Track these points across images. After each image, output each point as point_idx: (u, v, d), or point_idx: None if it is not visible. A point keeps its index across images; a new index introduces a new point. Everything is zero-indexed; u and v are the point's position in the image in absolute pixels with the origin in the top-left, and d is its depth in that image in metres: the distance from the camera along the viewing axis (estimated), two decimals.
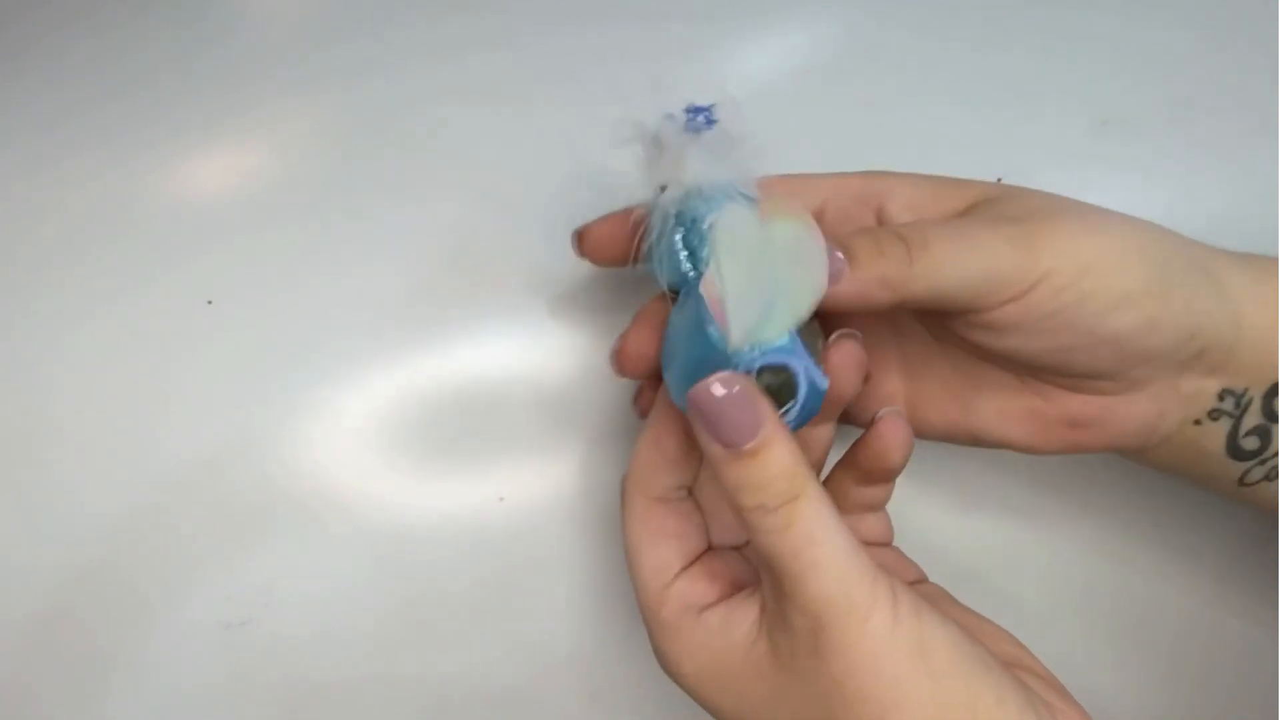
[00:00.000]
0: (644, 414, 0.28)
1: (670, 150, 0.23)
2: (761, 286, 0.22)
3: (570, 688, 0.31)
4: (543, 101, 0.33)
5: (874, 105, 0.33)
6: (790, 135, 0.32)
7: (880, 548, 0.28)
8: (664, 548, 0.25)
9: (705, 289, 0.22)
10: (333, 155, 0.33)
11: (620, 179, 0.32)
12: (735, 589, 0.25)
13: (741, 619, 0.23)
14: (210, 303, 0.31)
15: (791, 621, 0.22)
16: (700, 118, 0.24)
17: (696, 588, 0.24)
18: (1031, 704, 0.21)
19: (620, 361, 0.26)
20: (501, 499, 0.31)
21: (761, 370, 0.22)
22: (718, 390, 0.21)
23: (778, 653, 0.22)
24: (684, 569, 0.25)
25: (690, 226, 0.23)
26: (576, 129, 0.33)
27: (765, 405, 0.21)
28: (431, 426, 0.31)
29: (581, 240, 0.27)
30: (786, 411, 0.22)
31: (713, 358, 0.22)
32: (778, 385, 0.22)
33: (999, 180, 0.32)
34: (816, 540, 0.21)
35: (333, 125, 0.33)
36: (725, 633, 0.23)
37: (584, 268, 0.32)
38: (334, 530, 0.30)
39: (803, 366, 0.22)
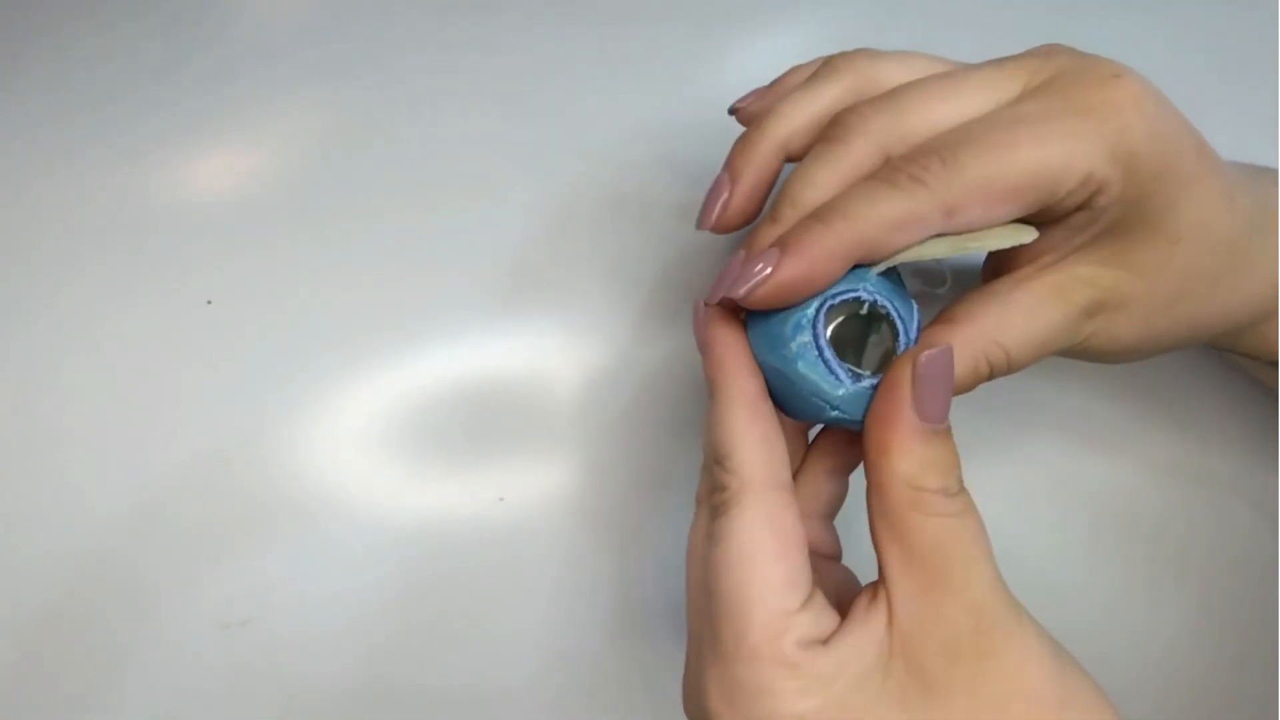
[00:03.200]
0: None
1: None
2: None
3: (570, 688, 0.31)
4: (542, 102, 0.33)
5: None
6: None
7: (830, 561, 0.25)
8: (797, 564, 0.21)
9: None
10: (333, 155, 0.33)
11: (620, 178, 0.33)
12: (841, 604, 0.21)
13: (868, 642, 0.20)
14: (210, 303, 0.31)
15: (951, 620, 0.19)
16: None
17: (823, 618, 0.21)
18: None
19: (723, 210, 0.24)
20: (501, 499, 0.31)
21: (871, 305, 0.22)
22: (940, 357, 0.20)
23: (924, 671, 0.20)
24: (813, 593, 0.21)
25: None
26: (577, 130, 0.33)
27: None
28: (431, 426, 0.31)
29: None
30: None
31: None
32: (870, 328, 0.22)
33: None
34: (985, 532, 0.20)
35: (333, 125, 0.33)
36: (857, 658, 0.20)
37: (585, 268, 0.32)
38: (334, 530, 0.30)
39: (899, 314, 0.22)
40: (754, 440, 0.21)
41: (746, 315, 0.23)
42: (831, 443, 0.25)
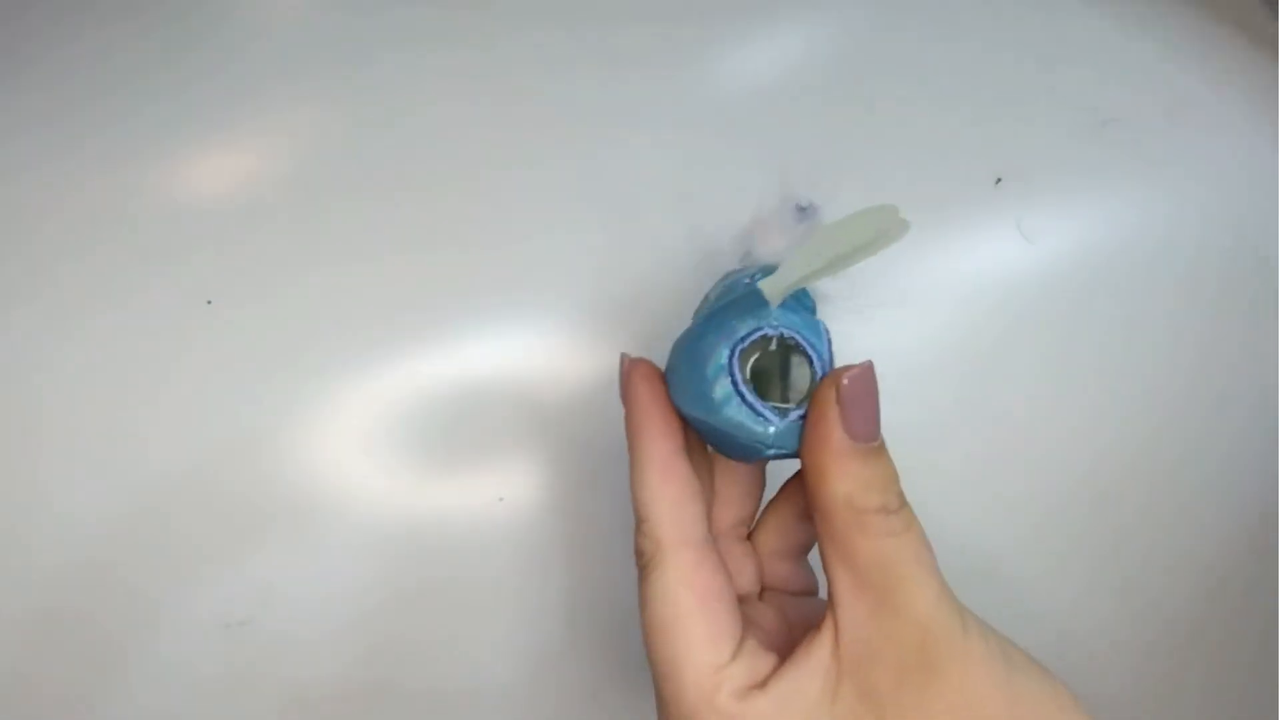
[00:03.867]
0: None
1: (770, 231, 0.25)
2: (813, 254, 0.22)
3: (570, 688, 0.31)
4: (542, 101, 0.33)
5: (872, 105, 0.33)
6: (789, 136, 0.33)
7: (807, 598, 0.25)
8: (721, 616, 0.21)
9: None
10: (332, 155, 0.33)
11: (620, 179, 0.32)
12: (785, 647, 0.21)
13: (812, 673, 0.20)
14: (210, 303, 0.31)
15: (899, 638, 0.20)
16: (805, 213, 0.25)
17: (757, 661, 0.21)
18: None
19: None
20: (501, 499, 0.31)
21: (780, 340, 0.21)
22: (860, 375, 0.20)
23: (873, 692, 0.20)
24: (743, 641, 0.21)
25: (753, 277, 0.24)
26: (575, 129, 0.33)
27: None
28: (431, 426, 0.31)
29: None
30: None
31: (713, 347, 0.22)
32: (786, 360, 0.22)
33: (998, 181, 0.32)
34: (928, 546, 0.20)
35: (332, 125, 0.33)
36: (799, 696, 0.20)
37: (584, 270, 0.32)
38: (334, 530, 0.30)
39: (813, 348, 0.22)
40: (666, 503, 0.22)
41: (667, 370, 0.23)
42: (797, 486, 0.25)
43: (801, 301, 0.23)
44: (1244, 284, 0.32)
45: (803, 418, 0.21)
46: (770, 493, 0.26)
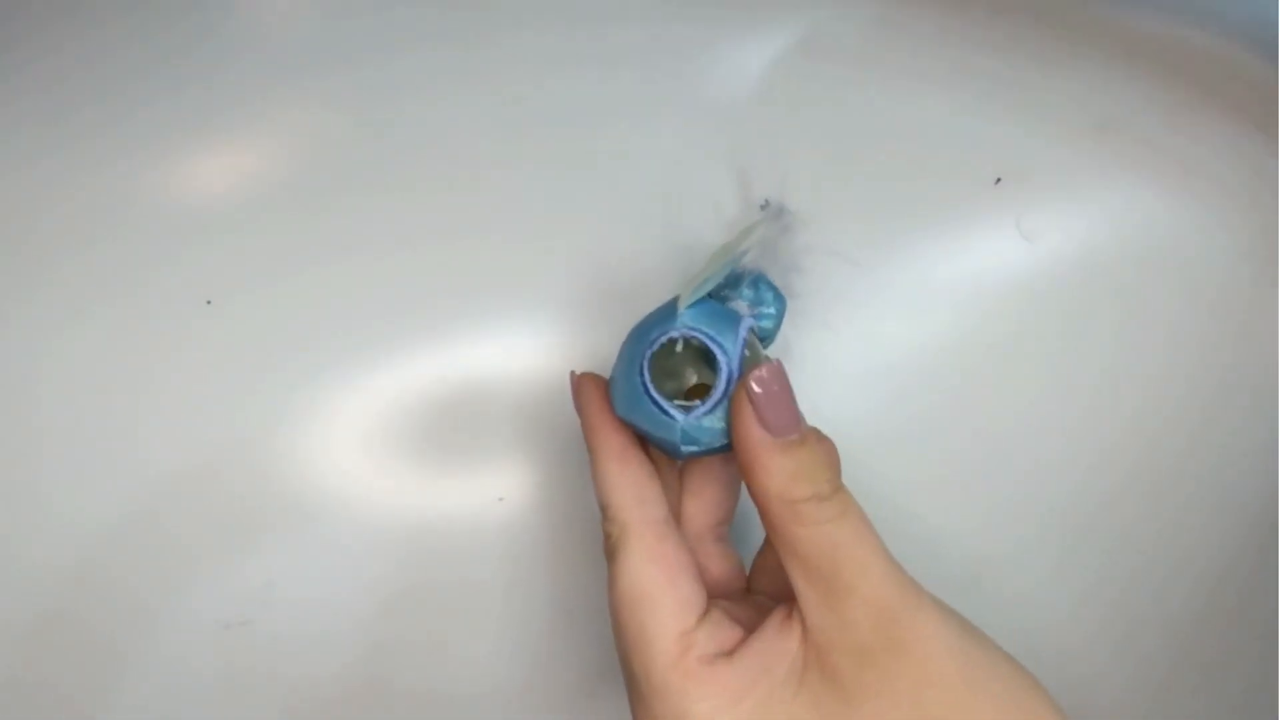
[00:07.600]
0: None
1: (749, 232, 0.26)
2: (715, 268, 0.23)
3: (570, 688, 0.31)
4: (542, 101, 0.33)
5: (873, 105, 0.33)
6: (789, 136, 0.33)
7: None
8: (685, 588, 0.22)
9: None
10: (331, 154, 0.33)
11: (618, 177, 0.33)
12: (750, 630, 0.22)
13: (782, 651, 0.21)
14: (209, 303, 0.31)
15: (856, 621, 0.20)
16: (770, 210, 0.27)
17: (722, 630, 0.21)
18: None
19: None
20: (501, 499, 0.31)
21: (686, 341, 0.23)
22: (766, 374, 0.21)
23: (837, 677, 0.20)
24: (708, 611, 0.22)
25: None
26: (575, 128, 0.33)
27: None
28: (431, 426, 0.31)
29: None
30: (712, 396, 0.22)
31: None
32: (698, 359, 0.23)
33: (998, 181, 0.32)
34: (869, 525, 0.21)
35: (332, 124, 0.33)
36: (765, 675, 0.21)
37: (583, 268, 0.32)
38: (333, 530, 0.30)
39: (718, 345, 0.22)
40: (624, 487, 0.23)
41: (609, 380, 0.24)
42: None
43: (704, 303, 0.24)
44: (1243, 286, 0.32)
45: (709, 413, 0.22)
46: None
